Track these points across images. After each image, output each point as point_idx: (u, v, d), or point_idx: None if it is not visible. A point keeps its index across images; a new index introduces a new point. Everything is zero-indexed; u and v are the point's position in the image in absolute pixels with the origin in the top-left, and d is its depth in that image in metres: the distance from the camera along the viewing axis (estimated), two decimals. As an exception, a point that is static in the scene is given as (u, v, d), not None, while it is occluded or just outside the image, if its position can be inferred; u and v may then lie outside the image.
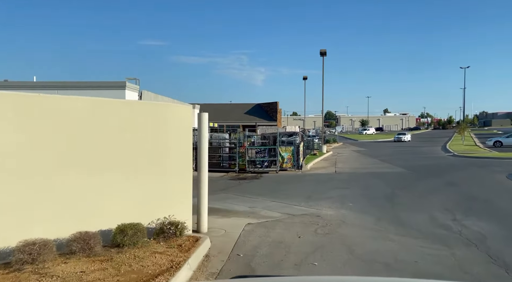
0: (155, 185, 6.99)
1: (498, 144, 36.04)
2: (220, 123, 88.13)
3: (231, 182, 15.87)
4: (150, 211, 6.84)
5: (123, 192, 6.60)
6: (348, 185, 14.42)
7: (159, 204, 6.97)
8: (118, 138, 6.60)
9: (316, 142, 40.70)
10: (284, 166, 19.81)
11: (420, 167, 20.11)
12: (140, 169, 6.84)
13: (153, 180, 6.98)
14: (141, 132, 6.89)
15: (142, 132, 6.90)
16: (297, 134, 22.92)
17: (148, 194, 6.89)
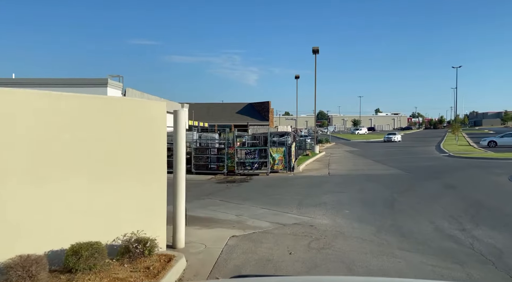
0: (121, 193, 5.96)
1: (492, 144, 35.52)
2: (211, 123, 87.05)
3: (218, 186, 14.84)
4: (115, 224, 5.81)
5: (80, 203, 5.55)
6: (343, 189, 13.50)
7: (126, 217, 5.94)
8: (70, 138, 5.54)
9: (309, 142, 39.86)
10: (275, 167, 18.84)
11: (417, 169, 19.29)
12: (102, 174, 5.80)
13: (119, 187, 5.94)
14: (100, 131, 5.84)
15: (102, 131, 5.85)
16: (288, 134, 22.00)
17: (112, 204, 5.85)
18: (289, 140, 21.37)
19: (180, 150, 6.98)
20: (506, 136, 36.05)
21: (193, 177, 17.27)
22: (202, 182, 16.03)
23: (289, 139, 21.50)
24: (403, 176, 16.79)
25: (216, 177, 17.55)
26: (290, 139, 21.66)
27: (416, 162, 23.25)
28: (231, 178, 17.31)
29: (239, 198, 11.92)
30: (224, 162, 18.31)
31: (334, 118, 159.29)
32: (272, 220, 8.98)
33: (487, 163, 21.08)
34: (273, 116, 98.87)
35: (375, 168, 20.09)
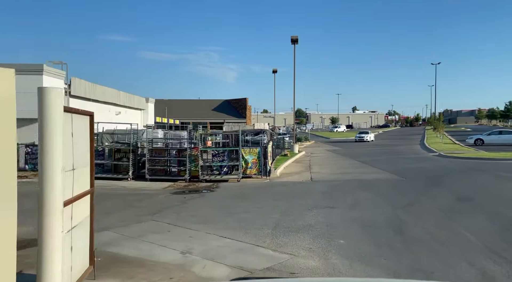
0: None
1: (479, 142, 33.76)
2: (185, 120, 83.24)
3: (173, 198, 11.68)
4: None
5: None
6: (331, 202, 10.62)
7: None
8: None
9: (287, 141, 37.10)
10: (248, 172, 15.84)
11: (411, 172, 16.72)
12: None
13: None
14: None
15: None
16: (265, 133, 19.09)
17: None
18: (265, 139, 18.43)
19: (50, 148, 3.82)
20: (493, 134, 34.38)
21: (146, 186, 14.03)
22: (155, 192, 12.82)
23: (265, 138, 18.57)
24: (399, 182, 14.10)
25: (175, 185, 14.37)
26: (266, 138, 18.72)
27: (407, 163, 20.77)
28: (194, 186, 14.17)
29: (194, 219, 8.84)
30: (186, 166, 15.13)
31: (313, 116, 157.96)
32: (234, 262, 5.96)
33: (487, 165, 18.76)
34: (250, 114, 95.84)
35: (364, 172, 17.39)
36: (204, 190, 13.15)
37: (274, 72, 45.85)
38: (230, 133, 19.67)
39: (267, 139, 18.84)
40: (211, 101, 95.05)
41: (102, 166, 15.84)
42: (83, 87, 20.06)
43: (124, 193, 12.64)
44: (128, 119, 25.68)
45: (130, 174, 15.18)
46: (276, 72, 45.86)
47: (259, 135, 18.89)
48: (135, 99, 28.16)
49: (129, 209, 10.03)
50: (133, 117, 28.17)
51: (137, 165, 15.86)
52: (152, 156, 15.63)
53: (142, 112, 30.44)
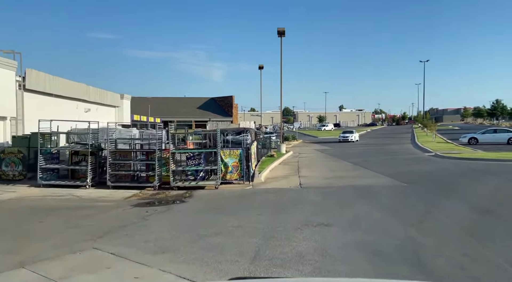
0: None
1: (473, 141, 32.41)
2: (169, 118, 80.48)
3: (132, 213, 9.54)
4: None
5: None
6: (325, 217, 8.67)
7: None
8: None
9: (274, 141, 35.19)
10: (228, 177, 13.81)
11: (412, 176, 14.92)
12: None
13: None
14: None
15: None
16: (248, 132, 17.10)
17: None
18: (249, 139, 16.42)
19: None
20: (487, 132, 33.11)
21: (105, 195, 11.86)
22: (113, 204, 10.66)
23: (249, 137, 16.56)
24: (402, 189, 12.23)
25: (141, 194, 12.23)
26: (250, 137, 16.71)
27: (404, 165, 19.04)
28: (163, 194, 12.06)
29: (150, 245, 6.76)
30: (155, 171, 12.98)
31: (300, 115, 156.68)
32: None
33: (493, 167, 17.10)
34: (237, 112, 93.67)
35: (358, 175, 15.54)
36: (173, 200, 11.05)
37: (260, 68, 43.88)
38: (209, 133, 17.58)
39: (250, 139, 16.84)
40: (196, 99, 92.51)
41: (57, 172, 13.59)
42: (42, 80, 17.68)
43: (75, 205, 10.45)
44: (100, 117, 23.32)
45: (89, 180, 12.95)
46: (262, 68, 43.90)
47: (242, 134, 16.86)
48: (107, 95, 25.78)
49: (71, 230, 7.88)
50: (106, 115, 25.80)
51: (99, 169, 13.65)
52: (116, 159, 13.44)
53: (116, 109, 28.06)
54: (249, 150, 14.75)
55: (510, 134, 31.78)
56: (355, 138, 40.66)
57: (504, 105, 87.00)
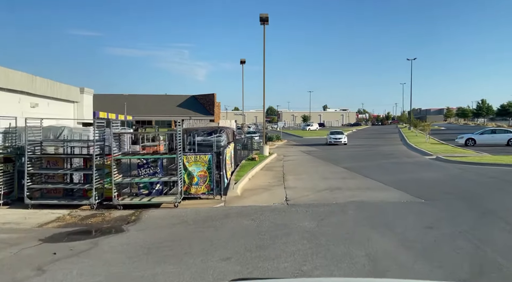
0: None
1: (471, 142, 30.07)
2: (147, 117, 76.65)
3: (31, 256, 6.19)
4: None
5: None
6: (325, 263, 5.59)
7: None
8: None
9: (257, 141, 32.12)
10: (194, 190, 10.63)
11: (426, 187, 12.05)
12: None
13: None
14: None
15: None
16: (223, 131, 13.94)
17: None
18: (223, 141, 13.22)
19: None
20: (485, 133, 30.80)
21: (17, 218, 8.51)
22: (16, 236, 7.31)
23: (223, 138, 13.34)
24: (423, 209, 9.22)
25: (70, 216, 8.91)
26: (224, 138, 13.51)
27: (408, 171, 16.25)
28: (99, 217, 8.77)
29: None
30: (93, 183, 9.64)
31: (284, 114, 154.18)
32: None
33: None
34: (219, 111, 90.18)
35: (359, 186, 12.54)
36: (109, 228, 7.80)
37: (242, 62, 40.71)
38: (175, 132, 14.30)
39: (225, 140, 13.65)
40: (176, 96, 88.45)
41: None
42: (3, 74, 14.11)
43: None
44: (52, 113, 19.77)
45: (1, 197, 9.55)
46: (244, 63, 40.75)
47: (214, 134, 13.65)
48: (62, 89, 22.14)
49: None
50: (61, 111, 22.18)
51: (20, 181, 10.24)
52: (42, 167, 10.06)
53: (75, 105, 24.45)
54: (221, 155, 11.59)
55: (510, 134, 29.55)
56: (345, 140, 34.91)
57: (490, 105, 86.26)
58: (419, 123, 50.80)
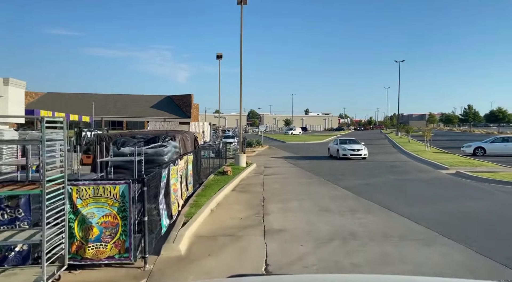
0: None
1: (480, 151, 26.11)
2: (117, 118, 70.52)
3: None
4: None
5: None
6: None
7: None
8: None
9: (234, 148, 27.24)
10: (91, 253, 5.60)
11: (495, 234, 7.43)
12: None
13: None
14: None
15: None
16: (172, 138, 8.96)
17: None
18: (168, 153, 8.26)
19: None
20: (496, 141, 26.86)
21: None
22: None
23: (169, 150, 8.38)
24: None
25: None
26: (170, 150, 8.54)
27: (437, 196, 11.68)
28: None
29: None
30: None
31: (266, 117, 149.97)
32: None
33: None
34: (197, 112, 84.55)
35: (384, 232, 7.72)
36: None
37: (219, 57, 35.78)
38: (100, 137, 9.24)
39: (173, 152, 8.68)
40: (150, 97, 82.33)
41: None
42: None
43: None
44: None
45: None
46: (221, 58, 35.83)
47: (160, 142, 8.63)
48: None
49: None
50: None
51: None
52: None
53: (-3, 100, 19.01)
54: (154, 182, 6.61)
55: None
56: (365, 153, 23.94)
57: (477, 111, 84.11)
58: (411, 129, 47.09)
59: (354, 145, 24.38)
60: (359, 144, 24.88)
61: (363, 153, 23.69)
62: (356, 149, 23.68)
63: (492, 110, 71.22)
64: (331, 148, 25.93)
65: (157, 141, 8.51)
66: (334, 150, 25.11)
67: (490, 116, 73.36)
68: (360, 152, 23.59)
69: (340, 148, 24.16)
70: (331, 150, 25.77)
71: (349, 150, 23.65)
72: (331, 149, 25.89)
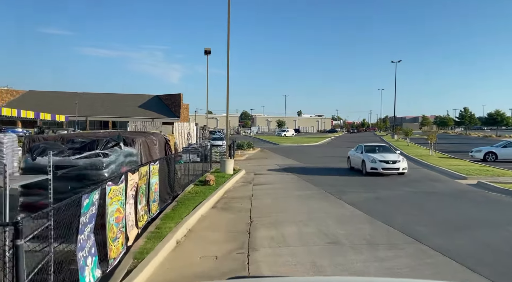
0: None
1: (491, 157, 23.89)
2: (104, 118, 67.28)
3: None
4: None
5: None
6: None
7: None
8: None
9: (220, 151, 24.65)
10: None
11: None
12: None
13: None
14: None
15: None
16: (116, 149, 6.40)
17: None
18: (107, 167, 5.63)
19: None
20: (509, 146, 24.64)
21: None
22: None
23: (110, 160, 5.77)
24: None
25: None
26: (114, 160, 5.92)
27: (471, 218, 9.24)
28: None
29: None
30: None
31: (258, 118, 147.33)
32: None
33: None
34: (187, 113, 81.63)
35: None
36: None
37: (207, 52, 33.15)
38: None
39: (117, 163, 6.04)
40: (138, 96, 79.17)
41: None
42: None
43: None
44: None
45: None
46: (209, 53, 33.18)
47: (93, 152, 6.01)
48: None
49: None
50: None
51: None
52: None
53: None
54: (72, 216, 3.98)
55: (540, 148, 23.58)
56: (404, 166, 17.41)
57: (472, 113, 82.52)
58: (410, 131, 44.96)
59: (388, 155, 17.80)
60: (394, 152, 18.88)
61: (401, 166, 17.10)
62: (391, 161, 17.07)
63: (490, 113, 69.60)
64: (352, 158, 19.65)
65: (95, 148, 5.90)
66: (356, 161, 18.78)
67: (489, 119, 71.71)
68: (397, 166, 17.01)
69: (367, 159, 17.55)
70: (352, 161, 19.61)
71: (380, 161, 16.97)
72: (352, 159, 19.68)
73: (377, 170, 16.92)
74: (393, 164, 17.05)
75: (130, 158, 7.21)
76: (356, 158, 18.97)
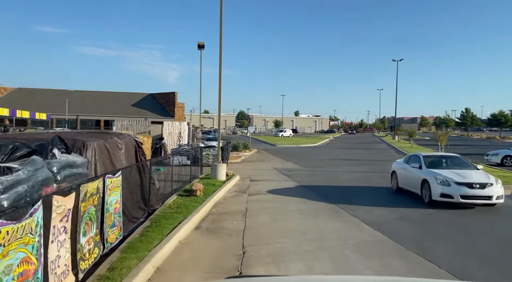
0: None
1: (509, 161, 21.89)
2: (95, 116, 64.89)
3: None
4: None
5: None
6: None
7: None
8: None
9: (213, 154, 22.43)
10: None
11: None
12: None
13: None
14: None
15: None
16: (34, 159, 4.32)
17: None
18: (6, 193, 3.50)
19: None
20: (529, 148, 22.68)
21: None
22: None
23: (14, 180, 3.66)
24: None
25: None
26: (24, 179, 3.80)
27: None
28: None
29: None
30: None
31: (255, 118, 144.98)
32: None
33: None
34: (183, 112, 79.15)
35: None
36: None
37: (200, 47, 30.95)
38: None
39: (24, 186, 3.90)
40: (131, 94, 76.75)
41: None
42: None
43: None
44: None
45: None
46: (203, 48, 30.99)
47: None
48: None
49: None
50: None
51: None
52: None
53: None
54: None
55: None
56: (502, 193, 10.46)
57: (474, 114, 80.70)
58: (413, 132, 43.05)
59: (468, 173, 10.99)
60: (477, 169, 11.75)
61: (496, 193, 10.33)
62: (476, 184, 10.33)
63: (494, 114, 67.76)
64: (401, 174, 12.86)
65: None
66: (410, 180, 12.18)
67: (492, 120, 69.86)
68: (487, 192, 10.26)
69: (432, 179, 10.77)
70: (401, 179, 12.83)
71: (459, 184, 10.36)
72: (401, 175, 12.87)
73: (452, 198, 10.27)
74: (481, 190, 10.26)
75: (70, 171, 5.03)
76: (410, 174, 12.21)
